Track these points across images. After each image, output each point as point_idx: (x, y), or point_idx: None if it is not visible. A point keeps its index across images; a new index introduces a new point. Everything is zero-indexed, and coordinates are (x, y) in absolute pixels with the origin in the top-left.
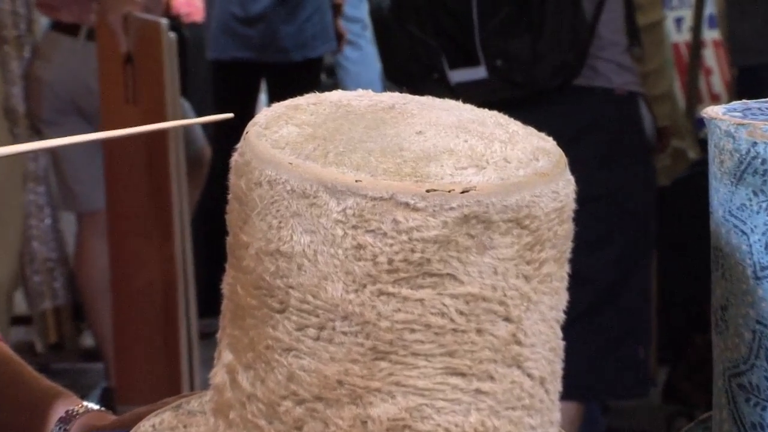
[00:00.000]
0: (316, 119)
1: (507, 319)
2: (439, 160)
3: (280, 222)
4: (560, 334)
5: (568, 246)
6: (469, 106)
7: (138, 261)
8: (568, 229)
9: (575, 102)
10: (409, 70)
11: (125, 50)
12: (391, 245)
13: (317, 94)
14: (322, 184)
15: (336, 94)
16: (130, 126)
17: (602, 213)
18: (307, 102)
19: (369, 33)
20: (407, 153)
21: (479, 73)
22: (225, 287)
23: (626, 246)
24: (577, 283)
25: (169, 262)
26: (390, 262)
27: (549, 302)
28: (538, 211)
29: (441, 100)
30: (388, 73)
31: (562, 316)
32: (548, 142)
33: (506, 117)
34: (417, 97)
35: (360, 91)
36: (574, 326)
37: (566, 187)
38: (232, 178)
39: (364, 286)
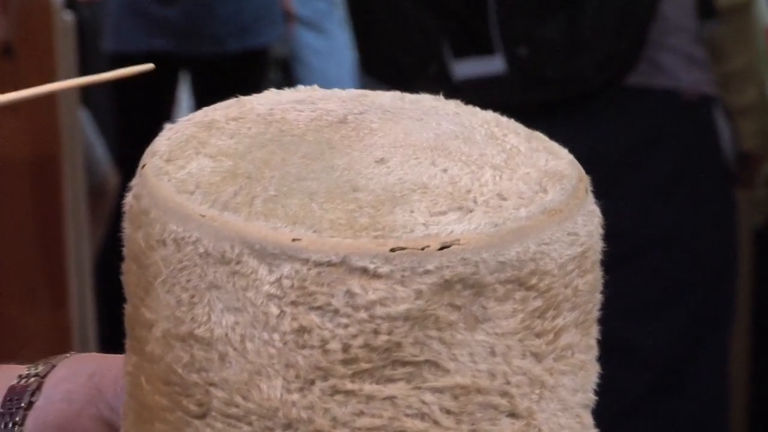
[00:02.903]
0: (238, 145)
1: (513, 415)
2: (408, 202)
3: (192, 296)
4: (590, 422)
5: (595, 303)
6: (451, 107)
7: (20, 335)
8: (593, 280)
9: (626, 109)
10: (398, 61)
11: (3, 36)
12: (347, 326)
13: (240, 100)
14: (247, 244)
15: (265, 101)
16: (13, 148)
17: (663, 264)
18: (226, 116)
19: (339, 12)
20: (363, 194)
21: (494, 65)
22: (126, 377)
23: (696, 310)
24: (630, 361)
25: (64, 333)
26: (346, 349)
27: (571, 384)
28: (548, 263)
29: (413, 98)
30: (366, 66)
31: (592, 399)
32: (561, 159)
33: (504, 121)
34: (378, 98)
35: (300, 93)
36: (629, 418)
37: (588, 223)
38: (127, 228)
39: (312, 382)
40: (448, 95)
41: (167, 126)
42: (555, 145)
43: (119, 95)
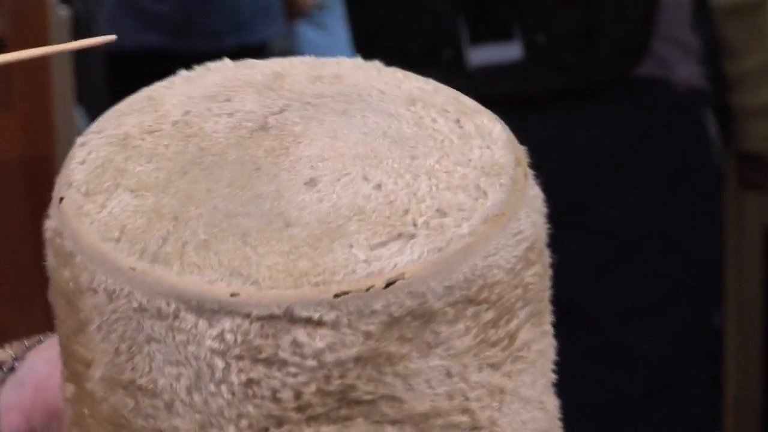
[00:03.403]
0: (158, 173)
1: (475, 429)
2: (345, 234)
3: (130, 346)
4: (554, 403)
5: (546, 287)
6: (374, 83)
7: (13, 338)
8: (541, 268)
9: (627, 100)
10: (407, 47)
11: None
12: (296, 375)
13: (152, 98)
14: (183, 300)
15: (178, 98)
16: (7, 147)
17: (658, 262)
18: (140, 127)
19: (340, 8)
20: (298, 230)
21: (512, 51)
22: (65, 403)
23: (690, 310)
24: (627, 362)
25: None
26: (298, 396)
27: (531, 378)
28: (497, 273)
29: (331, 75)
30: (369, 51)
31: (552, 377)
32: (495, 144)
33: (429, 95)
34: (296, 79)
35: (211, 78)
36: (626, 420)
37: (531, 212)
38: (51, 260)
39: (266, 429)
40: (462, 82)
41: (79, 141)
42: (485, 120)
43: (115, 93)
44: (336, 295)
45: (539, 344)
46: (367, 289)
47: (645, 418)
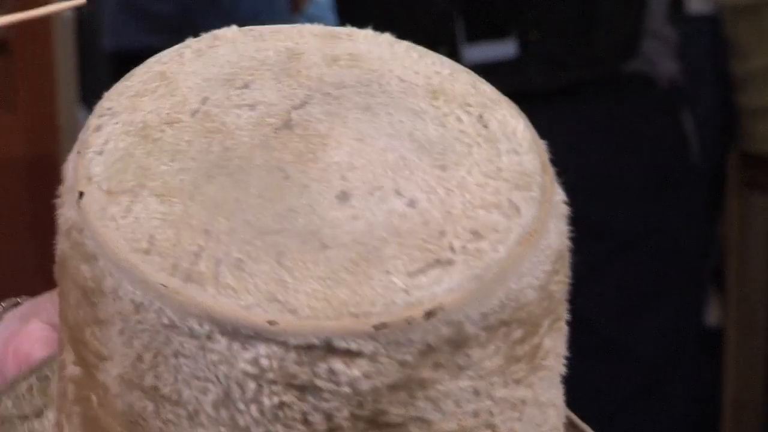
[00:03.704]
0: (183, 175)
1: None
2: (383, 260)
3: (155, 356)
4: (561, 399)
5: (565, 292)
6: (395, 72)
7: None
8: (564, 275)
9: (615, 97)
10: None
11: None
12: (329, 401)
13: (162, 76)
14: (218, 324)
15: (189, 82)
16: (10, 147)
17: (647, 260)
18: (158, 115)
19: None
20: (334, 252)
21: (506, 49)
22: (66, 381)
23: (679, 308)
24: (619, 360)
25: None
26: (329, 418)
27: (548, 383)
28: (528, 293)
29: (349, 58)
30: None
31: (563, 369)
32: (521, 147)
33: (448, 88)
34: (313, 61)
35: (225, 63)
36: (618, 417)
37: (558, 221)
38: (65, 248)
39: None
40: None
41: (93, 124)
42: (507, 114)
43: None
44: (375, 327)
45: (558, 347)
46: (407, 321)
47: (636, 415)
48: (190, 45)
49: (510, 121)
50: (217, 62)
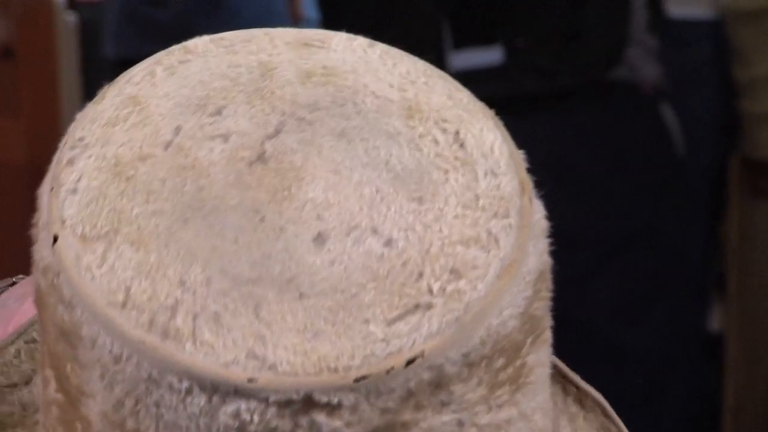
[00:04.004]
0: (158, 219)
1: None
2: (361, 308)
3: (136, 404)
4: (548, 392)
5: (547, 309)
6: (368, 89)
7: None
8: (545, 293)
9: (600, 104)
10: None
11: (3, 39)
12: None
13: (134, 101)
14: (197, 380)
15: (162, 108)
16: (13, 153)
17: (643, 262)
18: (131, 148)
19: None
20: (312, 301)
21: (492, 56)
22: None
23: (678, 309)
24: (619, 362)
25: None
26: None
27: (533, 392)
28: (509, 323)
29: (322, 75)
30: None
31: (549, 372)
32: (498, 168)
33: (423, 104)
34: (285, 78)
35: (196, 82)
36: (622, 416)
37: (538, 241)
38: (42, 284)
39: None
40: None
41: (65, 156)
42: (483, 128)
43: None
44: (356, 380)
45: (542, 358)
46: (387, 371)
47: (637, 420)
48: (162, 61)
49: (487, 137)
50: (189, 82)
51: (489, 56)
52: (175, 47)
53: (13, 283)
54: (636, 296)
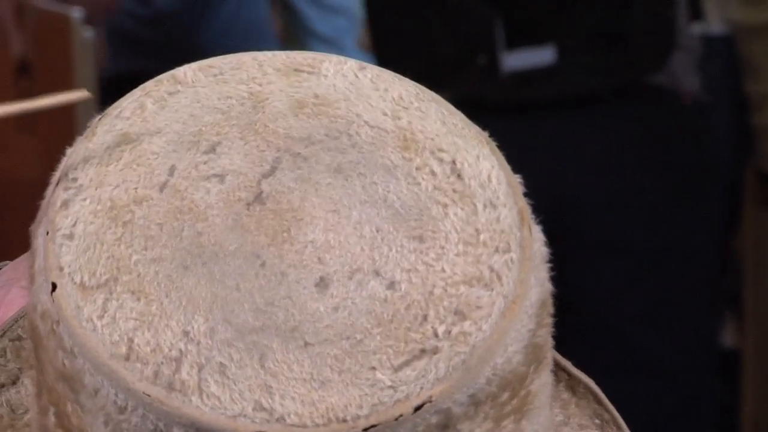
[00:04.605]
0: (157, 267)
1: None
2: (367, 355)
3: None
4: (549, 401)
5: (548, 332)
6: (356, 103)
7: None
8: (547, 320)
9: (639, 107)
10: (438, 51)
11: (20, 54)
12: None
13: (126, 139)
14: None
15: (154, 146)
16: (29, 169)
17: (674, 270)
18: (126, 191)
19: (357, 30)
20: (318, 349)
21: (544, 56)
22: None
23: (703, 317)
24: (650, 373)
25: None
26: None
27: (537, 413)
28: (514, 358)
29: (315, 106)
30: (396, 60)
31: (549, 391)
32: (497, 199)
33: (419, 135)
34: (277, 111)
35: (188, 117)
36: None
37: (538, 271)
38: (38, 324)
39: None
40: (494, 87)
41: (60, 197)
42: (480, 156)
43: None
44: (365, 429)
45: (544, 381)
46: (395, 419)
47: (665, 428)
48: (151, 93)
49: (483, 166)
50: (180, 116)
51: (541, 56)
52: (163, 76)
53: None
54: (668, 307)
